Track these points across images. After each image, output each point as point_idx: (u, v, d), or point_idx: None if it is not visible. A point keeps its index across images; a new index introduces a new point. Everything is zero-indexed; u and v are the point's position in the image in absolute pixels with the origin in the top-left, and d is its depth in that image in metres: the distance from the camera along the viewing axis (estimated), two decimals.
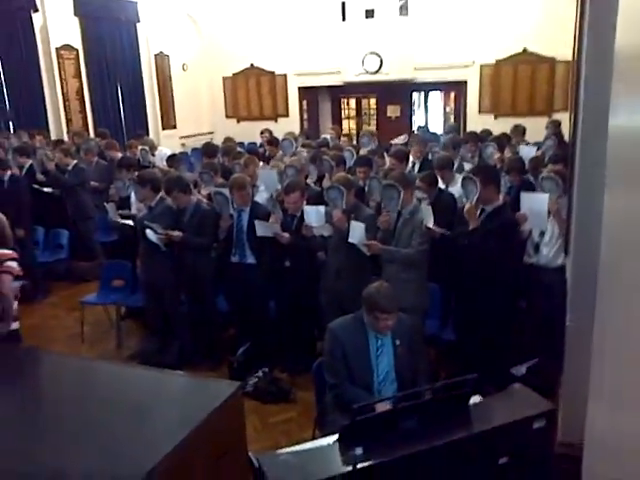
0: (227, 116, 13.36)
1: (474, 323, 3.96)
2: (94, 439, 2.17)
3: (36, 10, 9.45)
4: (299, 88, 12.82)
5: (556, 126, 8.00)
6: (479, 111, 11.55)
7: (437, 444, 2.19)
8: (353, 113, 14.68)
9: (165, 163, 6.82)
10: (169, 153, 7.54)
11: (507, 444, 2.31)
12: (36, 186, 6.64)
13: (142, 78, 11.53)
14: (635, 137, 1.36)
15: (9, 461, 2.00)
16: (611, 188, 1.63)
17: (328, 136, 8.79)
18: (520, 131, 7.72)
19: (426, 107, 14.22)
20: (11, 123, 9.45)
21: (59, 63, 9.96)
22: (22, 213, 6.15)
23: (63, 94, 10.09)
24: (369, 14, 11.64)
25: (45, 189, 6.66)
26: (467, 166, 5.63)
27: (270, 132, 8.78)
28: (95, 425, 2.28)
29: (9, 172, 6.19)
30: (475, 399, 2.49)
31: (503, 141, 6.81)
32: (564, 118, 8.16)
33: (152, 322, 5.01)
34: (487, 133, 7.91)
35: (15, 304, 3.60)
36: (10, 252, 3.51)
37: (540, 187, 4.15)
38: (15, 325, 3.60)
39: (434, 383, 2.88)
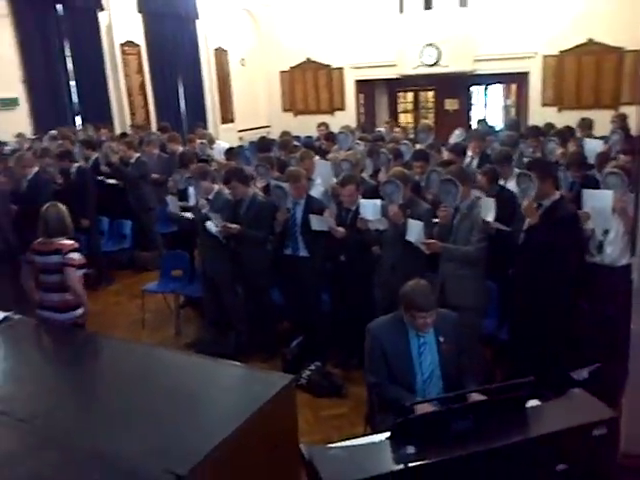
0: (284, 110, 13.46)
1: (532, 323, 3.84)
2: (150, 423, 2.24)
3: (102, 9, 9.80)
4: (356, 81, 12.77)
5: (622, 119, 7.63)
6: (542, 104, 11.17)
7: (492, 447, 2.14)
8: (410, 107, 14.50)
9: (223, 156, 6.94)
10: (227, 147, 7.68)
11: (565, 450, 2.24)
12: (100, 178, 6.89)
13: (201, 73, 11.76)
14: None
15: (71, 439, 2.10)
16: None
17: (383, 130, 8.71)
18: (587, 124, 7.38)
19: (485, 101, 13.87)
20: (78, 117, 9.84)
21: (123, 59, 10.29)
22: (87, 204, 6.42)
23: (127, 89, 10.43)
24: (427, 5, 11.46)
25: (109, 181, 6.91)
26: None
27: (327, 126, 8.78)
28: (151, 410, 2.36)
29: (76, 164, 6.45)
30: (533, 403, 2.42)
31: (566, 135, 6.55)
32: (632, 111, 7.81)
33: (209, 312, 5.13)
34: (550, 127, 7.63)
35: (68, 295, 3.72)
36: (71, 242, 3.64)
37: (604, 183, 3.98)
38: (79, 312, 3.74)
39: (489, 384, 2.82)
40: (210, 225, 4.56)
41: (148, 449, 2.03)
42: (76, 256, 3.63)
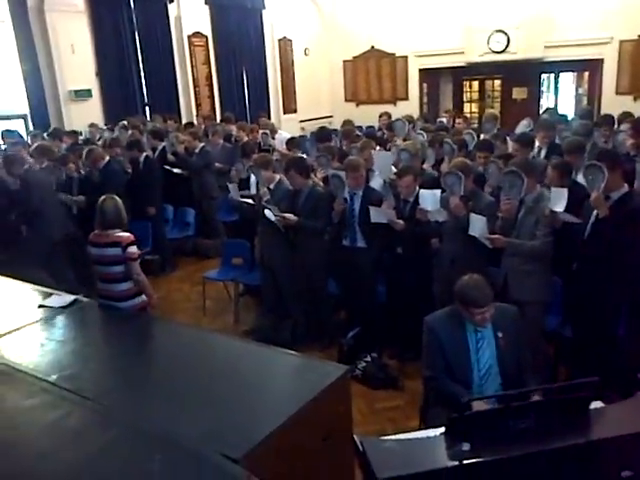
0: (346, 100, 13.42)
1: (596, 321, 3.68)
2: (208, 407, 2.30)
3: (172, 1, 10.06)
4: (420, 70, 12.56)
5: None
6: (616, 92, 10.63)
7: (550, 448, 2.07)
8: (476, 96, 14.13)
9: (285, 146, 7.00)
10: (288, 137, 7.74)
11: (632, 456, 2.14)
12: (167, 167, 7.10)
13: (266, 63, 11.90)
14: None
15: (133, 419, 2.18)
16: None
17: (444, 120, 8.52)
18: None
19: (556, 89, 13.32)
20: (147, 108, 10.17)
21: (190, 50, 10.54)
22: (154, 192, 6.64)
23: (193, 80, 10.69)
24: None
25: (174, 170, 7.11)
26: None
27: (389, 115, 8.68)
28: (209, 394, 2.42)
29: (144, 154, 6.68)
30: (596, 404, 2.33)
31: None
32: None
33: (267, 301, 5.20)
34: (626, 116, 7.23)
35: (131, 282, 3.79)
36: (128, 235, 3.69)
37: None
38: (139, 300, 3.84)
39: (552, 383, 2.73)
40: (269, 213, 4.62)
41: (205, 432, 2.08)
42: (135, 249, 3.71)
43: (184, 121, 9.87)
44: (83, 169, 6.18)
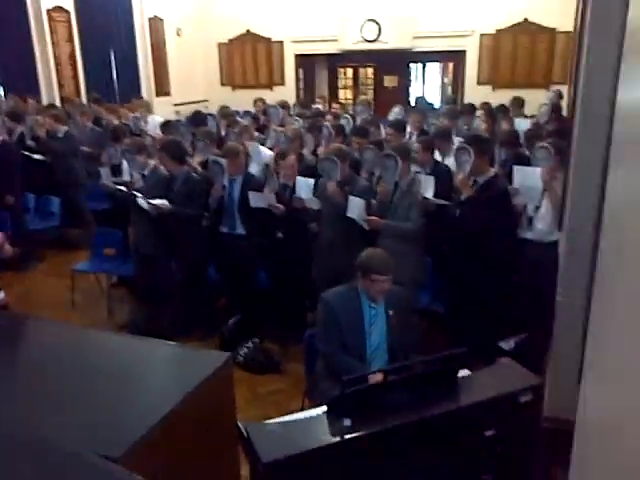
0: (222, 84, 13.15)
1: (464, 295, 3.97)
2: (82, 407, 2.18)
3: None
4: (296, 56, 12.61)
5: (557, 95, 7.90)
6: (477, 82, 11.42)
7: (424, 417, 2.20)
8: (350, 83, 14.50)
9: (158, 131, 6.72)
10: (161, 120, 7.44)
11: (493, 417, 2.33)
12: (26, 153, 6.54)
13: (136, 43, 11.29)
14: None
15: None
16: (617, 164, 1.60)
17: (320, 106, 8.67)
18: (519, 104, 7.63)
19: (424, 78, 14.04)
20: (1, 87, 9.28)
21: (50, 26, 9.72)
22: (13, 180, 6.09)
23: (55, 58, 9.89)
24: None
25: (35, 156, 6.57)
26: (457, 139, 5.58)
27: (263, 101, 8.65)
28: (83, 393, 2.29)
29: (0, 138, 6.10)
30: (463, 373, 2.50)
31: (493, 112, 6.75)
32: (562, 91, 8.09)
33: (142, 291, 5.01)
34: (485, 106, 7.82)
35: None
36: None
37: (534, 157, 4.10)
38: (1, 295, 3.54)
39: (423, 356, 2.89)
40: (141, 200, 4.43)
41: (82, 432, 1.97)
42: None
43: (45, 102, 9.14)
44: None
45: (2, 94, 9.04)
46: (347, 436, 2.11)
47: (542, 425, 2.50)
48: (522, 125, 6.01)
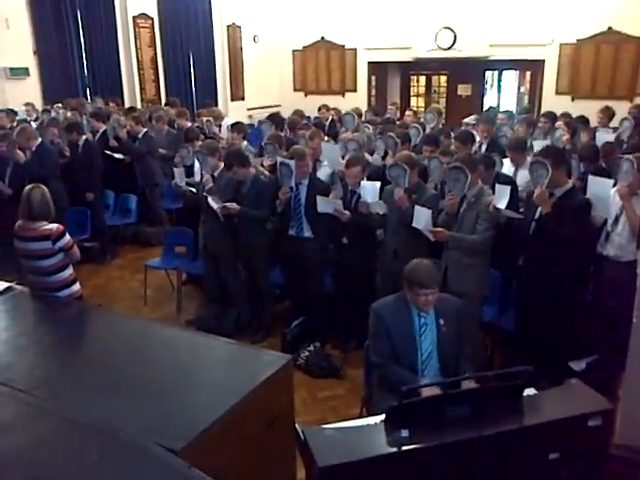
0: (295, 89, 13.35)
1: (536, 312, 3.83)
2: (148, 398, 2.26)
3: None
4: (368, 63, 12.63)
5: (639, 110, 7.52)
6: (556, 92, 11.03)
7: (485, 434, 2.14)
8: (422, 90, 14.36)
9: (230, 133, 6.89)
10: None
11: (559, 440, 2.24)
12: (108, 152, 6.87)
13: (214, 49, 11.66)
14: None
15: (70, 411, 2.11)
16: None
17: (391, 113, 8.63)
18: (609, 114, 7.24)
19: (499, 87, 13.70)
20: (88, 90, 9.80)
21: (135, 32, 10.21)
22: (93, 177, 6.42)
23: (138, 62, 10.37)
24: None
25: (116, 155, 6.89)
26: (538, 145, 5.39)
27: (328, 108, 8.68)
28: (149, 385, 2.37)
29: (84, 137, 6.43)
30: (529, 392, 2.42)
31: (574, 123, 6.48)
32: None
33: (210, 289, 5.14)
34: (565, 116, 7.53)
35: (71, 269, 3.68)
36: (57, 227, 3.52)
37: (614, 170, 3.91)
38: (76, 287, 3.71)
39: (487, 372, 2.82)
40: (211, 201, 4.55)
41: (144, 424, 2.05)
42: (68, 238, 3.57)
43: (127, 105, 9.58)
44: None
45: (89, 97, 9.55)
46: (404, 447, 2.08)
47: (612, 452, 2.37)
48: (603, 137, 5.71)
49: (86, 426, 2.02)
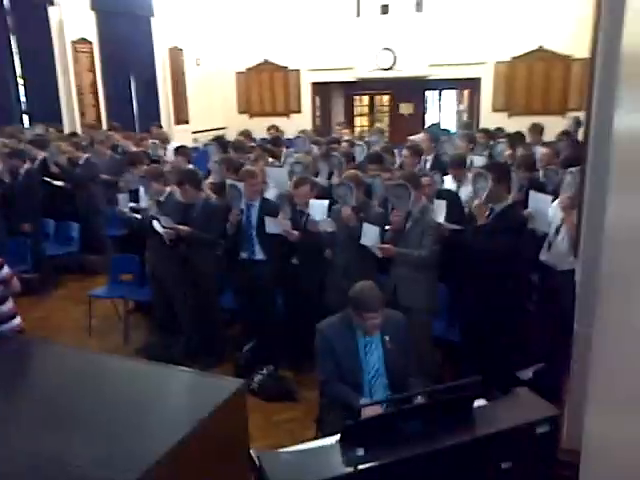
0: (239, 112, 13.36)
1: (479, 324, 3.92)
2: (97, 432, 2.18)
3: (52, 4, 9.52)
4: (312, 84, 12.80)
5: (576, 123, 7.89)
6: (493, 109, 11.47)
7: (439, 447, 2.17)
8: (366, 110, 14.63)
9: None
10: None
11: (510, 448, 2.29)
12: (47, 179, 6.67)
13: (155, 72, 11.57)
14: (637, 138, 1.33)
15: (16, 448, 2.02)
16: (616, 191, 1.59)
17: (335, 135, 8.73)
18: (538, 130, 7.61)
19: (439, 105, 14.13)
20: (27, 116, 9.51)
21: (74, 56, 10.01)
22: (31, 206, 6.22)
23: (77, 87, 10.15)
24: (384, 10, 11.62)
25: (56, 182, 6.69)
26: (477, 160, 5.58)
27: (276, 128, 8.74)
28: (97, 418, 2.29)
29: (25, 165, 6.23)
30: (479, 402, 2.47)
31: (515, 139, 6.75)
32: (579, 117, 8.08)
33: (158, 317, 5.03)
34: (499, 131, 7.83)
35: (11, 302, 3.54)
36: None
37: (562, 180, 4.09)
38: (17, 320, 3.56)
39: (438, 385, 2.86)
40: (156, 225, 4.48)
41: (95, 457, 1.98)
42: (7, 270, 3.44)
43: (67, 130, 9.35)
44: None
45: (27, 123, 9.27)
46: (360, 466, 2.08)
47: (560, 457, 2.44)
48: (540, 152, 5.95)
49: (34, 463, 1.93)
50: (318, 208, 4.20)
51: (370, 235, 3.89)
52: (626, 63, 1.57)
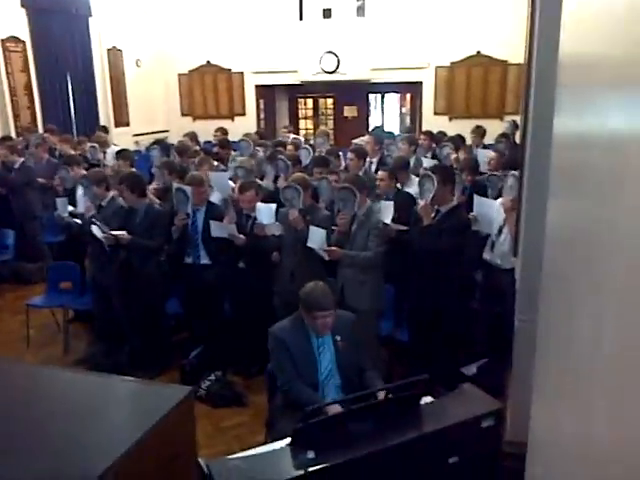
0: (183, 114, 13.13)
1: (426, 323, 4.01)
2: (37, 448, 2.09)
3: None
4: (256, 86, 12.72)
5: (513, 126, 8.17)
6: (434, 112, 11.72)
7: (388, 445, 2.20)
8: (310, 113, 14.67)
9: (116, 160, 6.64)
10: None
11: (457, 443, 2.34)
12: None
13: (94, 73, 11.20)
14: (575, 143, 1.39)
15: None
16: (554, 193, 1.66)
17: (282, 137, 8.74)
18: (480, 133, 7.83)
19: (382, 108, 14.34)
20: None
21: (5, 56, 9.58)
22: None
23: (10, 89, 9.71)
24: (326, 14, 11.67)
25: None
26: (425, 162, 5.69)
27: (224, 131, 8.65)
28: (36, 435, 2.20)
29: None
30: (426, 399, 2.51)
31: (458, 142, 6.93)
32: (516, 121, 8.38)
33: (101, 325, 4.87)
34: (442, 134, 8.03)
35: None
36: None
37: (504, 183, 4.21)
38: None
39: (386, 384, 2.90)
40: (96, 230, 4.34)
41: (36, 474, 1.89)
42: None
43: (0, 134, 8.94)
44: None
45: None
46: (311, 468, 2.08)
47: (504, 449, 2.51)
48: (483, 155, 6.12)
49: None
50: (265, 212, 4.18)
51: (317, 238, 3.91)
52: (561, 69, 1.64)
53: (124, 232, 4.35)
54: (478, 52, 11.17)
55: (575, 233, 1.30)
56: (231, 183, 5.17)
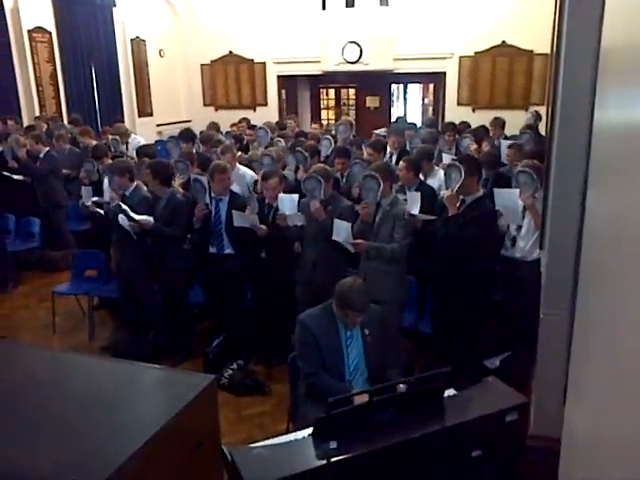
0: (205, 104, 13.18)
1: (449, 315, 3.98)
2: (63, 433, 2.13)
3: None
4: (278, 77, 12.70)
5: (535, 117, 8.03)
6: (457, 103, 11.58)
7: (411, 437, 2.19)
8: (332, 103, 14.62)
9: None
10: (142, 142, 7.41)
11: (480, 437, 2.33)
12: (6, 173, 6.46)
13: (118, 63, 11.28)
14: (622, 132, 1.34)
15: None
16: (595, 184, 1.62)
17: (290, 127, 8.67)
18: (500, 124, 7.74)
19: (405, 99, 14.22)
20: None
21: (31, 46, 9.69)
22: None
23: (36, 79, 9.84)
24: (349, 3, 11.58)
25: (15, 176, 6.49)
26: (446, 157, 5.63)
27: (248, 121, 8.65)
28: (65, 419, 2.24)
29: None
30: (449, 392, 2.50)
31: (481, 133, 6.83)
32: (541, 112, 8.25)
33: (125, 313, 4.94)
34: (465, 125, 7.93)
35: None
36: None
37: (515, 180, 4.16)
38: None
39: (408, 376, 2.89)
40: (122, 219, 4.38)
41: (61, 460, 1.93)
42: None
43: (26, 123, 9.06)
44: None
45: None
46: (333, 459, 2.08)
47: (528, 443, 2.49)
48: (504, 146, 6.03)
49: None
50: (288, 202, 4.17)
51: (342, 231, 3.88)
52: (606, 58, 1.59)
53: (150, 218, 4.38)
54: (503, 42, 10.98)
55: (624, 227, 1.25)
56: (254, 174, 5.18)
